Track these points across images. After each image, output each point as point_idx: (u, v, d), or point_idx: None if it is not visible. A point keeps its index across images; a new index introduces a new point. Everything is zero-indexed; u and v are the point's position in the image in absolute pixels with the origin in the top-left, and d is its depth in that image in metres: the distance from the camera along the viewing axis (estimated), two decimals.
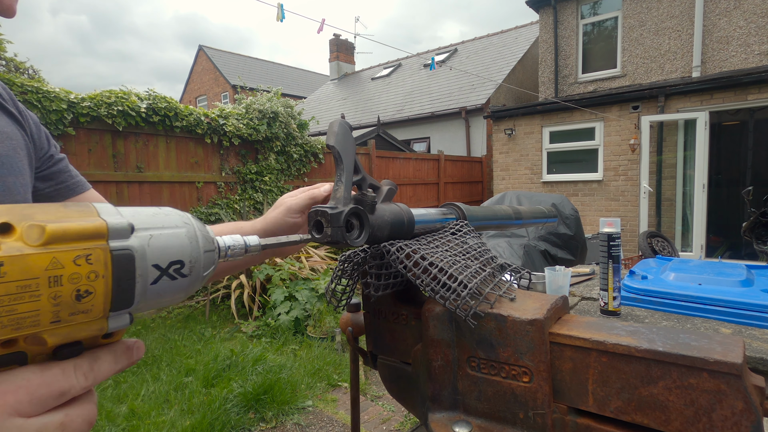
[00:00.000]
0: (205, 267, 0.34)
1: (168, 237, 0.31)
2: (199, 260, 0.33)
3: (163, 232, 0.31)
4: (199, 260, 0.33)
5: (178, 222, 0.32)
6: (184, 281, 0.32)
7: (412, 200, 8.06)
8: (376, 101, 13.16)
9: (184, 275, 0.31)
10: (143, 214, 0.31)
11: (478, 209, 0.75)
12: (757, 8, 6.76)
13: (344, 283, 0.64)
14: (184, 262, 0.31)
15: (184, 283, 0.32)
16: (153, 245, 0.30)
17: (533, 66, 10.98)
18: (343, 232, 0.47)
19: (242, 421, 2.43)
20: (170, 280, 0.31)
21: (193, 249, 0.32)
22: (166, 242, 0.31)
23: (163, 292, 0.31)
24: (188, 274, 0.32)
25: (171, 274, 0.31)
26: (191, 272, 0.32)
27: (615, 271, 1.20)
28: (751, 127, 7.67)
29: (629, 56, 8.10)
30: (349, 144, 0.51)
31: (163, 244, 0.30)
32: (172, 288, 0.31)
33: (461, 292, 0.51)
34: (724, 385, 0.40)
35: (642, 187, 6.66)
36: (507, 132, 8.19)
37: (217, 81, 20.63)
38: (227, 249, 0.39)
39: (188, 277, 0.32)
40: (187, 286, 0.32)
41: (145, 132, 4.32)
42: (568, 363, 0.48)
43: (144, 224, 0.30)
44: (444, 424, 0.55)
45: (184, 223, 0.33)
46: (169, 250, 0.30)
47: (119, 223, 0.28)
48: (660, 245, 5.53)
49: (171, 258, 0.30)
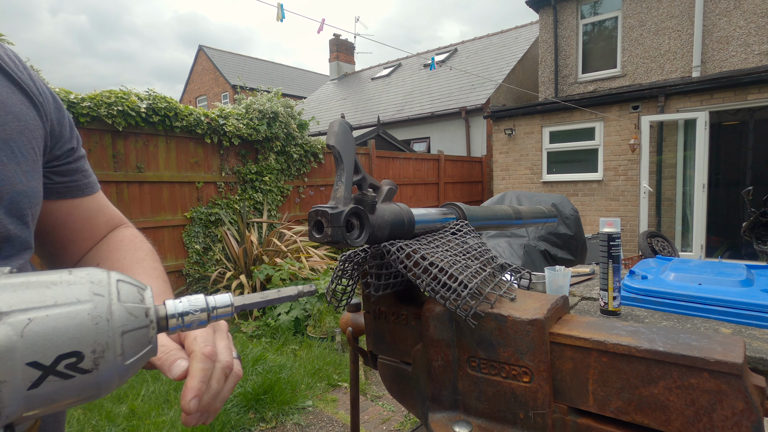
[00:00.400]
0: (129, 351, 0.25)
1: (57, 319, 0.22)
2: (113, 345, 0.24)
3: (51, 312, 0.22)
4: (111, 346, 0.24)
5: (83, 294, 0.24)
6: (86, 378, 0.23)
7: (412, 200, 8.06)
8: (376, 101, 13.16)
9: (84, 371, 0.23)
10: (33, 286, 0.23)
11: (478, 209, 0.75)
12: (757, 8, 6.76)
13: (344, 283, 0.64)
14: (82, 354, 0.23)
15: (87, 380, 0.23)
16: (30, 335, 0.21)
17: (533, 66, 10.98)
18: (344, 232, 0.47)
19: (242, 421, 2.43)
20: (62, 380, 0.22)
21: (99, 333, 0.23)
22: (54, 327, 0.22)
23: (57, 395, 0.23)
24: (92, 368, 0.23)
25: (62, 372, 0.22)
26: (98, 365, 0.23)
27: (615, 271, 1.20)
28: (751, 127, 7.67)
29: (629, 56, 8.10)
30: (349, 144, 0.51)
31: (47, 331, 0.22)
32: (70, 389, 0.23)
33: (461, 292, 0.51)
34: (724, 385, 0.40)
35: (642, 187, 6.66)
36: (507, 132, 8.19)
37: (217, 81, 20.62)
38: (179, 317, 0.29)
39: (93, 372, 0.23)
40: (96, 383, 0.24)
41: (145, 132, 4.32)
42: (568, 363, 0.48)
43: (23, 303, 0.22)
44: (444, 424, 0.55)
45: (93, 294, 0.24)
46: (57, 339, 0.22)
47: None
48: (660, 245, 5.53)
49: (60, 350, 0.22)
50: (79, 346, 0.23)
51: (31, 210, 0.51)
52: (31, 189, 0.51)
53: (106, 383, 0.24)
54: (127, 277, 0.27)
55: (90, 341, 0.23)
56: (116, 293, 0.25)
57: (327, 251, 5.12)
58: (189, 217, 4.67)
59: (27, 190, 0.50)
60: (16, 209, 0.48)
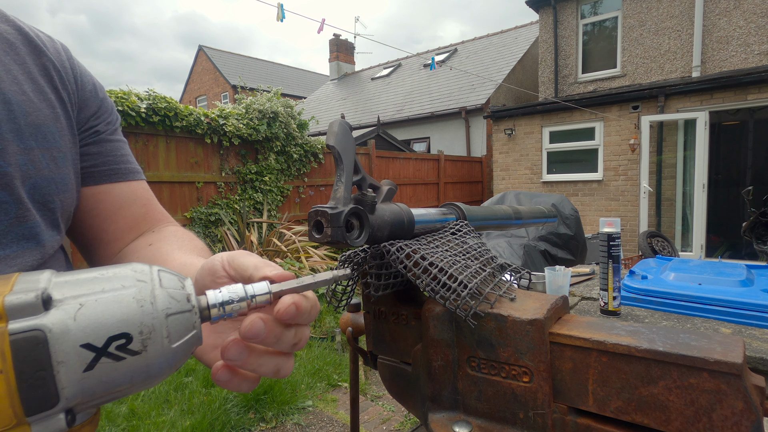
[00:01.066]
0: (175, 334, 0.26)
1: (105, 303, 0.24)
2: (159, 328, 0.25)
3: (100, 297, 0.24)
4: (158, 328, 0.25)
5: (127, 281, 0.25)
6: (137, 360, 0.24)
7: (412, 200, 8.06)
8: (376, 101, 13.16)
9: (134, 352, 0.24)
10: (81, 277, 0.24)
11: (478, 209, 0.75)
12: (756, 8, 6.76)
13: (344, 284, 0.64)
14: (131, 335, 0.24)
15: (137, 362, 0.24)
16: (82, 318, 0.23)
17: (533, 66, 10.98)
18: (343, 232, 0.47)
19: (242, 421, 2.43)
20: (114, 362, 0.23)
21: (144, 314, 0.24)
22: (103, 311, 0.23)
23: (110, 379, 0.23)
24: (141, 350, 0.24)
25: (113, 353, 0.23)
26: (146, 346, 0.24)
27: (615, 271, 1.20)
28: (750, 126, 7.67)
29: (629, 56, 8.10)
30: (349, 144, 0.51)
31: (97, 314, 0.23)
32: (122, 372, 0.24)
33: (461, 292, 0.51)
34: (724, 384, 0.40)
35: (642, 187, 6.66)
36: (507, 132, 8.19)
37: (217, 81, 20.63)
38: (220, 306, 0.29)
39: (143, 354, 0.24)
40: (146, 366, 0.25)
41: (145, 132, 4.32)
42: (568, 363, 0.48)
43: (73, 292, 0.23)
44: (444, 424, 0.55)
45: (137, 281, 0.25)
46: (107, 322, 0.23)
47: (22, 299, 0.21)
48: (660, 245, 5.53)
49: (110, 332, 0.23)
50: (127, 327, 0.24)
51: (59, 197, 0.51)
52: (60, 176, 0.50)
53: (157, 367, 0.25)
54: (167, 269, 0.29)
55: (137, 323, 0.24)
56: (158, 280, 0.26)
57: (327, 251, 5.12)
58: (189, 217, 4.67)
59: (55, 177, 0.50)
60: (40, 195, 0.48)
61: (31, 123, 0.48)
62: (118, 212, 0.61)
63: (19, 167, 0.46)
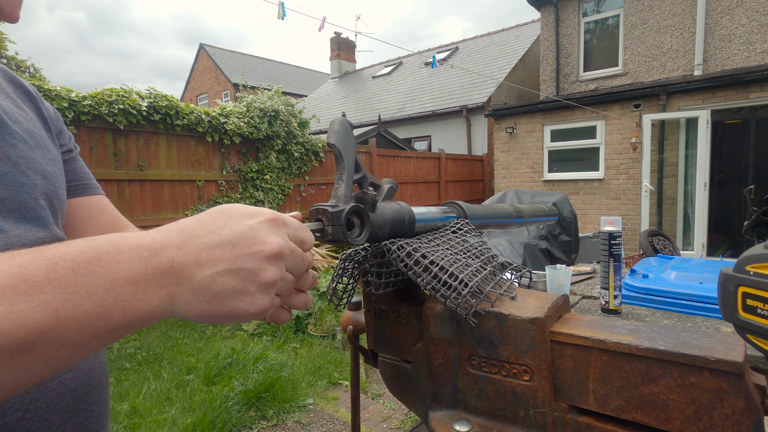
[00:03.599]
0: None
1: None
2: None
3: None
4: None
5: None
6: None
7: (413, 199, 8.05)
8: (377, 99, 13.14)
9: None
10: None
11: (478, 208, 0.75)
12: (759, 6, 6.73)
13: (345, 282, 0.64)
14: None
15: None
16: None
17: (534, 64, 10.96)
18: (344, 231, 0.47)
19: (243, 419, 2.43)
20: None
21: None
22: None
23: None
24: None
25: None
26: None
27: (616, 269, 1.20)
28: (753, 125, 7.64)
29: (631, 54, 8.07)
30: (350, 142, 0.51)
31: None
32: None
33: (462, 291, 0.51)
34: (725, 383, 0.40)
35: (643, 185, 6.65)
36: (508, 130, 8.18)
37: (218, 79, 20.62)
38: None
39: None
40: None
41: (146, 130, 4.32)
42: (568, 361, 0.48)
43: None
44: (444, 422, 0.55)
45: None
46: None
47: None
48: (661, 244, 5.52)
49: None
50: None
51: (60, 191, 0.57)
52: (55, 174, 0.57)
53: None
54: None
55: None
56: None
57: (328, 250, 5.12)
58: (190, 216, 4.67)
59: (53, 173, 0.56)
60: (48, 185, 0.54)
61: (27, 130, 0.54)
62: (89, 221, 0.67)
63: (28, 160, 0.52)
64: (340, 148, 0.49)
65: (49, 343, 0.25)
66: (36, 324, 0.24)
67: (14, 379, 0.24)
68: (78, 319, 0.25)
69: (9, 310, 0.23)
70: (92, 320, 0.26)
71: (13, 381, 0.25)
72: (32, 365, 0.25)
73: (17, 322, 0.23)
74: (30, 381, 0.26)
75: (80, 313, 0.25)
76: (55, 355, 0.25)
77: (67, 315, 0.25)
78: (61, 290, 0.25)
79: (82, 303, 0.25)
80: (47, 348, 0.25)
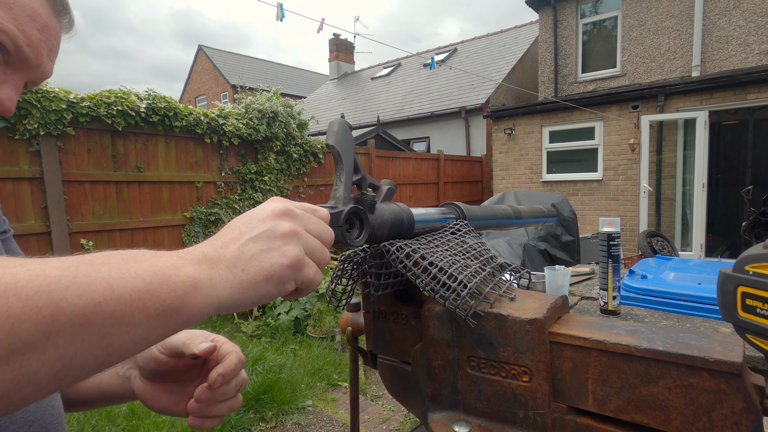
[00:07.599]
0: None
1: None
2: None
3: None
4: None
5: None
6: None
7: (412, 200, 8.06)
8: (376, 101, 13.15)
9: None
10: None
11: (477, 209, 0.75)
12: (756, 7, 6.76)
13: (344, 283, 0.64)
14: None
15: None
16: None
17: (533, 65, 10.98)
18: (343, 232, 0.47)
19: (242, 421, 2.43)
20: None
21: None
22: None
23: None
24: None
25: None
26: None
27: (615, 270, 1.20)
28: (750, 126, 7.67)
29: (629, 56, 8.10)
30: (349, 143, 0.51)
31: None
32: None
33: (461, 292, 0.51)
34: (724, 384, 0.40)
35: (642, 186, 6.66)
36: (507, 131, 8.19)
37: (216, 81, 20.62)
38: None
39: None
40: None
41: (144, 132, 4.31)
42: (568, 362, 0.48)
43: None
44: (444, 423, 0.55)
45: None
46: None
47: None
48: (660, 245, 5.53)
49: None
50: None
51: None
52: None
53: None
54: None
55: None
56: None
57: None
58: (189, 217, 4.66)
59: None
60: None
61: None
62: None
63: None
64: (339, 150, 0.49)
65: (105, 316, 0.28)
66: (93, 295, 0.28)
67: (72, 355, 0.27)
68: (130, 294, 0.29)
69: (71, 282, 0.27)
70: (143, 297, 0.29)
71: (71, 356, 0.27)
72: (90, 341, 0.28)
73: (78, 291, 0.27)
74: (86, 363, 0.28)
75: (132, 289, 0.29)
76: (109, 332, 0.28)
77: (121, 290, 0.29)
78: (115, 269, 0.29)
79: (133, 280, 0.29)
80: (104, 321, 0.28)
